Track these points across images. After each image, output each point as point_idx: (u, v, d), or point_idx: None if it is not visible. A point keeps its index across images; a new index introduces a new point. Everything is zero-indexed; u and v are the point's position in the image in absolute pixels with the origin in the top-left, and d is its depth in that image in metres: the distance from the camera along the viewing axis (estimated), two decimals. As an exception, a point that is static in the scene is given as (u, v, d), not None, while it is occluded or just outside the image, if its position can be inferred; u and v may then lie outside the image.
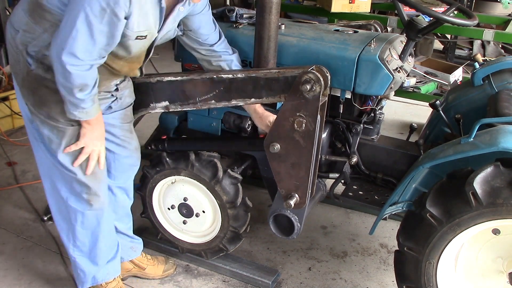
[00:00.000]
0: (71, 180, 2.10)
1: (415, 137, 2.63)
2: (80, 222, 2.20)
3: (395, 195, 2.17)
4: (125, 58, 1.95)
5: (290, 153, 2.08)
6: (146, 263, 2.59)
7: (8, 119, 4.20)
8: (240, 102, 2.18)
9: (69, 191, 2.14)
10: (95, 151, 2.06)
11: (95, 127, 2.00)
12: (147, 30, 1.88)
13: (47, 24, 1.84)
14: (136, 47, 1.91)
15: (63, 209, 2.20)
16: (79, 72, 1.77)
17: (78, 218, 2.19)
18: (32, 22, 1.86)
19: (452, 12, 2.39)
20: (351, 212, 3.26)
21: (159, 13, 1.89)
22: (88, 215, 2.18)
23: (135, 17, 1.77)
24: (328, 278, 2.68)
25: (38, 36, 1.86)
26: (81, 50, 1.73)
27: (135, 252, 2.56)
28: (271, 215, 2.35)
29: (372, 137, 2.53)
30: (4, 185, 3.44)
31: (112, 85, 2.07)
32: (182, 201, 2.54)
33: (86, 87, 1.83)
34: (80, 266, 2.31)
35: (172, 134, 2.71)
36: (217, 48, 2.25)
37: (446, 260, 1.98)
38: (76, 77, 1.77)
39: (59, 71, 1.78)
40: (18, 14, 1.92)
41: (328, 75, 2.02)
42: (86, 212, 2.17)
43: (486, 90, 2.50)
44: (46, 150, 2.07)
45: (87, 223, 2.20)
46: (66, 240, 2.28)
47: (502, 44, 6.26)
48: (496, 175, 1.79)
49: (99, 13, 1.68)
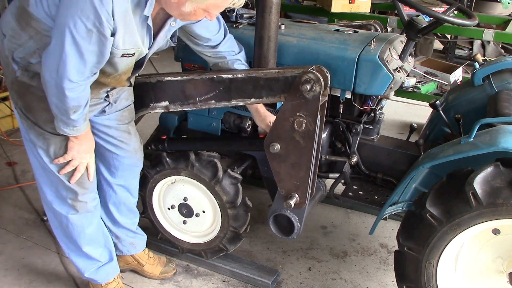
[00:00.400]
0: (57, 183, 2.10)
1: (415, 137, 2.62)
2: (65, 225, 2.20)
3: (395, 195, 2.17)
4: (113, 75, 1.91)
5: (290, 153, 2.08)
6: (145, 261, 2.60)
7: (8, 119, 4.20)
8: (240, 102, 2.18)
9: (54, 194, 2.14)
10: (82, 164, 2.05)
11: (83, 141, 2.00)
12: (135, 48, 1.83)
13: (33, 32, 1.81)
14: (122, 64, 1.87)
15: (50, 210, 2.21)
16: (76, 95, 1.77)
17: (63, 220, 2.19)
18: (19, 28, 1.83)
19: (452, 12, 2.39)
20: (351, 212, 3.26)
21: (147, 31, 1.84)
22: (72, 219, 2.18)
23: (120, 35, 1.73)
24: (328, 278, 2.68)
25: (23, 42, 1.83)
26: (73, 73, 1.71)
27: (135, 248, 2.57)
28: (271, 215, 2.35)
29: (372, 137, 2.53)
30: (4, 185, 3.44)
31: (102, 93, 2.04)
32: (182, 201, 2.54)
33: (79, 108, 1.82)
34: (77, 264, 2.33)
35: (172, 134, 2.71)
36: (222, 48, 2.19)
37: (446, 260, 1.98)
38: (71, 100, 1.77)
39: (53, 93, 1.77)
40: (6, 17, 1.89)
41: (328, 75, 2.02)
42: (70, 215, 2.17)
43: (486, 90, 2.50)
44: (35, 151, 2.06)
45: (71, 226, 2.20)
46: (59, 239, 2.30)
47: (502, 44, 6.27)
48: (496, 175, 1.79)
49: (86, 35, 1.65)
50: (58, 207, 2.16)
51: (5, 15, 1.90)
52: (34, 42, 1.82)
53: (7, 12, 1.90)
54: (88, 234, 2.25)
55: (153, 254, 2.64)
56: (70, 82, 1.72)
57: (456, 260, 2.03)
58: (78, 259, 2.32)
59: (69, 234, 2.23)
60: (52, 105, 1.82)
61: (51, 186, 2.12)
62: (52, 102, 1.81)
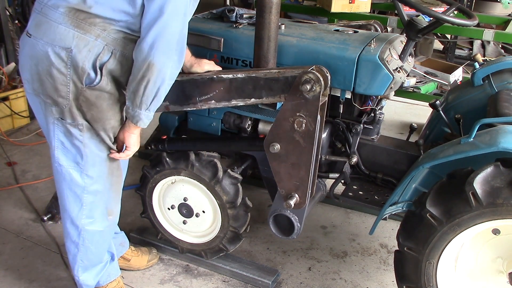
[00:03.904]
0: (92, 202, 2.10)
1: (415, 137, 2.63)
2: (95, 242, 2.20)
3: (395, 195, 2.18)
4: None
5: (290, 153, 2.08)
6: (130, 255, 2.61)
7: (8, 119, 4.20)
8: (240, 102, 2.18)
9: (86, 216, 2.13)
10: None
11: (138, 138, 2.05)
12: None
13: (99, 30, 1.80)
14: None
15: (75, 235, 2.18)
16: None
17: (94, 238, 2.19)
18: (81, 33, 1.79)
19: (452, 12, 2.39)
20: (351, 212, 3.26)
21: None
22: (105, 232, 2.21)
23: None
24: (328, 278, 2.68)
25: (92, 46, 1.80)
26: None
27: (124, 247, 2.58)
28: (271, 215, 2.35)
29: (372, 137, 2.53)
30: (4, 185, 3.44)
31: None
32: (182, 201, 2.54)
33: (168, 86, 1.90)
34: (85, 282, 2.31)
35: (172, 134, 2.71)
36: None
37: (446, 260, 1.98)
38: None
39: (173, 66, 1.83)
40: (55, 30, 1.79)
41: (328, 75, 2.02)
42: (105, 229, 2.20)
43: (486, 90, 2.50)
44: (77, 173, 2.04)
45: (102, 240, 2.22)
46: (73, 261, 2.26)
47: (502, 44, 6.27)
48: (496, 175, 1.79)
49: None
50: (91, 226, 2.16)
51: (52, 31, 1.79)
52: (102, 39, 1.81)
53: (50, 28, 1.79)
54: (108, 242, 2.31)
55: (134, 247, 2.67)
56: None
57: (456, 260, 2.03)
58: (89, 273, 2.29)
59: (93, 250, 2.22)
60: (159, 92, 1.86)
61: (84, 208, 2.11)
62: (159, 90, 1.85)
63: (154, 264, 2.69)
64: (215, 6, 2.83)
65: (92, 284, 2.31)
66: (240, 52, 2.39)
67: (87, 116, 1.91)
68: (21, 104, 4.25)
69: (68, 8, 1.78)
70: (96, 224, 2.16)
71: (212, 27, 2.49)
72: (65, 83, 1.83)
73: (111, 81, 1.88)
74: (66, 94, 1.85)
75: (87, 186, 2.05)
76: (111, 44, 1.83)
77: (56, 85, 1.83)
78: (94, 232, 2.17)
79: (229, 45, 2.42)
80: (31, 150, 3.94)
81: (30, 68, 1.86)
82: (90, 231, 2.16)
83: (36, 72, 1.84)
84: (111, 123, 1.96)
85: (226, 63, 2.45)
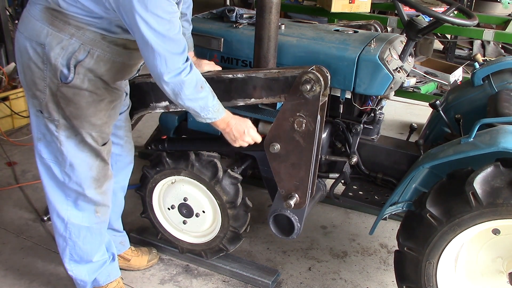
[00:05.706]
0: (76, 197, 2.09)
1: (415, 137, 2.63)
2: (83, 237, 2.18)
3: (395, 195, 2.17)
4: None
5: (290, 153, 2.08)
6: (130, 255, 2.61)
7: (8, 119, 4.20)
8: (240, 102, 2.18)
9: (71, 208, 2.12)
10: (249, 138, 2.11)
11: (233, 123, 2.04)
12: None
13: (73, 29, 1.80)
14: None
15: (61, 228, 2.17)
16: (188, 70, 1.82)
17: (81, 233, 2.17)
18: (56, 31, 1.80)
19: (452, 12, 2.39)
20: (351, 212, 3.26)
21: None
22: (93, 228, 2.18)
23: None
24: (328, 278, 2.68)
25: (65, 44, 1.81)
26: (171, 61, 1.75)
27: (124, 246, 2.59)
28: (271, 215, 2.35)
29: (372, 137, 2.53)
30: (4, 185, 3.44)
31: (134, 71, 2.07)
32: (182, 201, 2.53)
33: (200, 81, 1.86)
34: (78, 277, 2.30)
35: (172, 134, 2.71)
36: (187, 20, 2.24)
37: (446, 260, 1.98)
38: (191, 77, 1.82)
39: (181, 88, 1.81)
40: (33, 27, 1.83)
41: (328, 75, 2.02)
42: (93, 225, 2.17)
43: (486, 90, 2.50)
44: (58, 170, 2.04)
45: (90, 236, 2.19)
46: (62, 255, 2.26)
47: (502, 44, 6.27)
48: (496, 175, 1.79)
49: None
50: (77, 220, 2.14)
51: (30, 25, 1.84)
52: (77, 38, 1.81)
53: (30, 22, 1.84)
54: (103, 239, 2.27)
55: (134, 247, 2.67)
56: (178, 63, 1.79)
57: (456, 260, 2.03)
58: (81, 269, 2.28)
59: (83, 246, 2.21)
60: (186, 101, 1.86)
61: (70, 200, 2.11)
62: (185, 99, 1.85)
63: (154, 264, 2.69)
64: (215, 6, 2.83)
65: (87, 280, 2.30)
66: (240, 52, 2.39)
67: (66, 112, 1.91)
68: (21, 104, 4.24)
69: (45, 6, 1.81)
70: (83, 218, 2.14)
71: (212, 27, 2.50)
72: (42, 77, 1.86)
73: (89, 80, 1.87)
74: (43, 88, 1.87)
75: (66, 183, 2.05)
76: (88, 43, 1.82)
77: (34, 78, 1.87)
78: (80, 227, 2.15)
79: (229, 45, 2.43)
80: (31, 150, 3.91)
81: (17, 60, 1.93)
82: (76, 225, 2.14)
83: (21, 64, 1.91)
84: (91, 120, 1.94)
85: (226, 63, 2.45)
